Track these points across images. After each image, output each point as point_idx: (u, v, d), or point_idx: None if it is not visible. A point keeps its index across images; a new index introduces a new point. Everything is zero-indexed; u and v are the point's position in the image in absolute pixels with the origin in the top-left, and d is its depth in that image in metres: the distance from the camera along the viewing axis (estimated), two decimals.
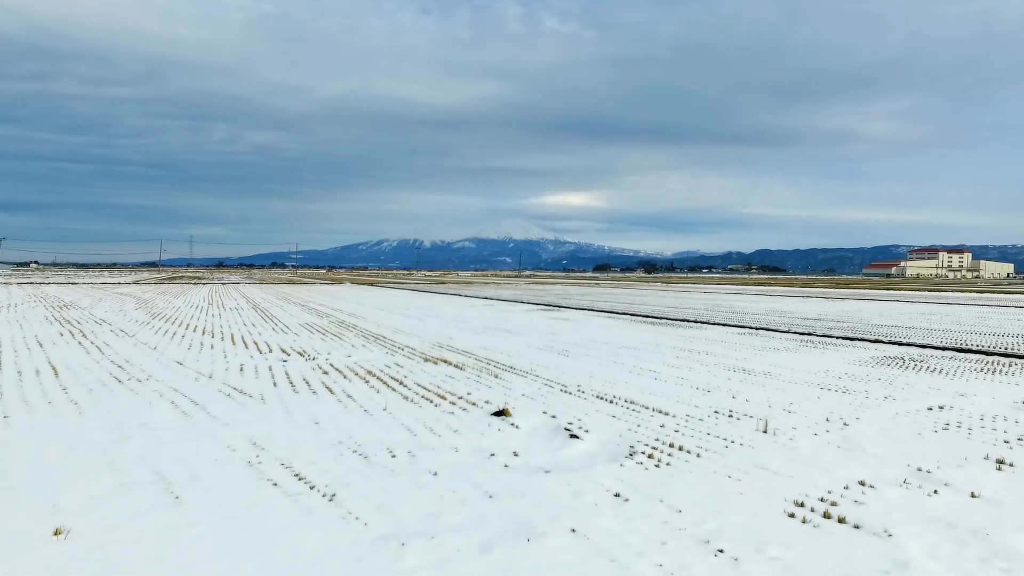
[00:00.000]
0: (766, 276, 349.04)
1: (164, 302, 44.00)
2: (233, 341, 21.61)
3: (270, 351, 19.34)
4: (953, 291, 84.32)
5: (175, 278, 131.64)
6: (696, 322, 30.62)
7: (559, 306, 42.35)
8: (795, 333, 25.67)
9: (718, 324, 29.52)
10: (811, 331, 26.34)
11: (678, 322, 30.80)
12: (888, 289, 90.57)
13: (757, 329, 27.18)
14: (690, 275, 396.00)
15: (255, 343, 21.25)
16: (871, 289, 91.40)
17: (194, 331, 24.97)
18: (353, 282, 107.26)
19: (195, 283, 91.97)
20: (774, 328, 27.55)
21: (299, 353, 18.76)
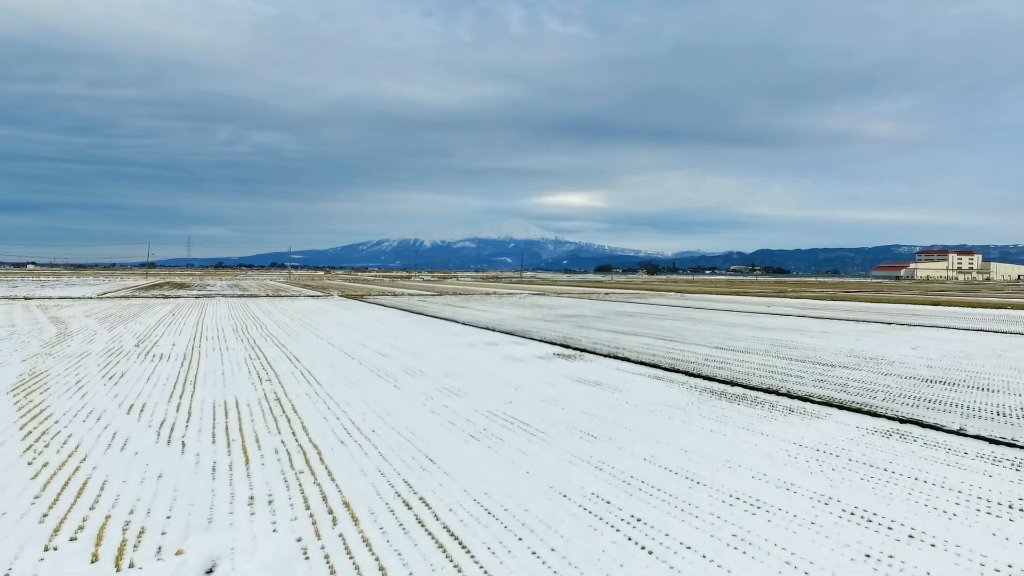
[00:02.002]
0: (773, 279, 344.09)
1: (84, 339, 34.85)
2: (36, 496, 12.37)
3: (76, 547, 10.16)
4: (1011, 306, 74.59)
5: (154, 286, 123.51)
6: (788, 396, 21.48)
7: (581, 349, 33.22)
8: (977, 439, 16.32)
9: (825, 404, 20.35)
10: (999, 433, 17.09)
11: (762, 394, 21.67)
12: (932, 303, 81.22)
13: (902, 423, 17.90)
14: (695, 277, 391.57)
15: (74, 503, 12.07)
16: (908, 303, 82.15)
17: (24, 439, 15.78)
18: (343, 292, 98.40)
19: (165, 297, 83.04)
20: (925, 421, 18.25)
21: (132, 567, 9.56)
